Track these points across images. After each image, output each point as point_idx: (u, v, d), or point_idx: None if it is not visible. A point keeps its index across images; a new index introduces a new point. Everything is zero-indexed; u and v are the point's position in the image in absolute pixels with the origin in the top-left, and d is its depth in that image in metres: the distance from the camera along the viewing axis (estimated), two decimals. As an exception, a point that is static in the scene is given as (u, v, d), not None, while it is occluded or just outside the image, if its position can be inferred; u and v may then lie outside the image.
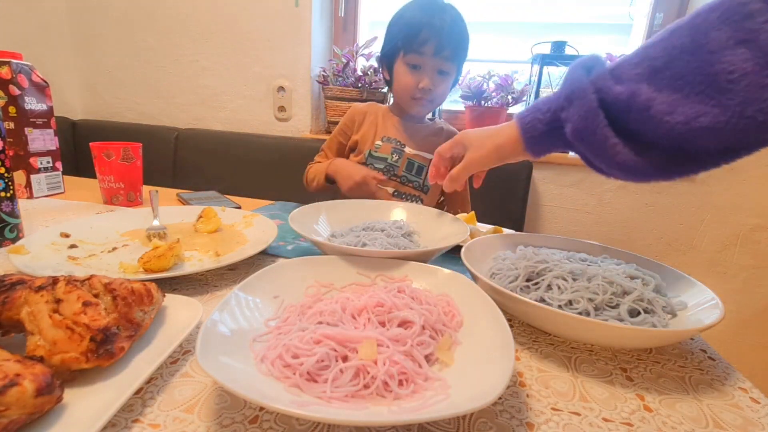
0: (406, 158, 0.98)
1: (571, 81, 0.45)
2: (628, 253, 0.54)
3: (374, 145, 0.98)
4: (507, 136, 0.52)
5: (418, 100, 0.93)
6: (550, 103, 0.47)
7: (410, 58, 0.89)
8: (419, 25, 0.86)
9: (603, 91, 0.41)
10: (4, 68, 0.77)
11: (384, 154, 0.97)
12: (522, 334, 0.43)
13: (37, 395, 0.24)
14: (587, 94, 0.42)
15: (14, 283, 0.32)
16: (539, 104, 0.49)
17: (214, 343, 0.30)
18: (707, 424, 0.31)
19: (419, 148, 0.99)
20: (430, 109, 1.00)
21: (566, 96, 0.44)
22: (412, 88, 0.91)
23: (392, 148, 0.97)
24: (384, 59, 0.97)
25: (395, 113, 1.02)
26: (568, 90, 0.44)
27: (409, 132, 1.00)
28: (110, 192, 0.82)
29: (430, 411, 0.26)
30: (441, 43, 0.85)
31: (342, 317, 0.36)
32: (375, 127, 1.00)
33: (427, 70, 0.89)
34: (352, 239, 0.57)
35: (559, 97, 0.46)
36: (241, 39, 1.59)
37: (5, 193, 0.56)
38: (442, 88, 0.93)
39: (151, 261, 0.48)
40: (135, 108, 1.79)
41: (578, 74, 0.44)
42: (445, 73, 0.91)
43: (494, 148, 0.54)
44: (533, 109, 0.49)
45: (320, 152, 1.07)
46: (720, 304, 0.41)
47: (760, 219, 1.30)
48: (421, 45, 0.86)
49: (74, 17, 1.72)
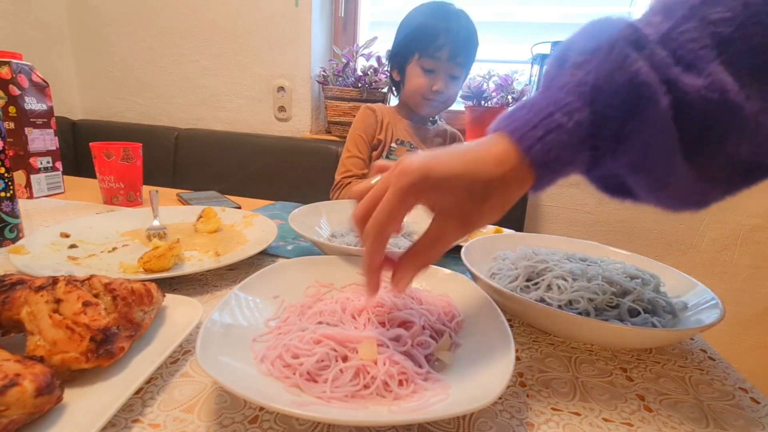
0: None
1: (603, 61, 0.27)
2: (628, 253, 0.54)
3: (390, 148, 1.00)
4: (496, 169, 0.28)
5: (430, 101, 0.95)
6: (562, 104, 0.28)
7: (425, 62, 0.91)
8: (436, 30, 0.88)
9: (676, 87, 0.26)
10: (4, 68, 0.77)
11: (399, 157, 0.99)
12: (522, 334, 0.43)
13: (37, 395, 0.24)
14: (655, 94, 0.26)
15: (14, 283, 0.32)
16: (540, 106, 0.28)
17: (214, 343, 0.30)
18: (707, 425, 0.31)
19: (428, 148, 1.01)
20: (439, 110, 1.02)
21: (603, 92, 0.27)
22: (425, 90, 0.93)
23: (406, 151, 0.99)
24: (395, 60, 0.99)
25: (403, 115, 1.03)
26: (603, 79, 0.27)
27: (418, 134, 1.02)
28: (110, 192, 0.82)
29: (430, 411, 0.26)
30: (456, 50, 0.89)
31: (342, 317, 0.36)
32: (391, 129, 1.02)
33: (441, 73, 0.92)
34: (352, 239, 0.57)
35: (583, 92, 0.27)
36: (241, 39, 1.59)
37: (5, 193, 0.56)
38: (453, 91, 0.97)
39: (151, 261, 0.48)
40: (135, 108, 1.79)
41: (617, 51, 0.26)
42: (456, 77, 0.95)
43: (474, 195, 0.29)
44: (538, 117, 0.28)
45: (350, 157, 1.01)
46: (720, 304, 0.41)
47: (760, 219, 1.30)
48: (437, 50, 0.89)
49: (74, 17, 1.72)
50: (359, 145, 1.03)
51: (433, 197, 0.30)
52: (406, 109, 1.02)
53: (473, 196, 0.29)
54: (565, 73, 0.29)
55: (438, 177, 0.28)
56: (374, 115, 1.03)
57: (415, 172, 0.28)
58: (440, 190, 0.29)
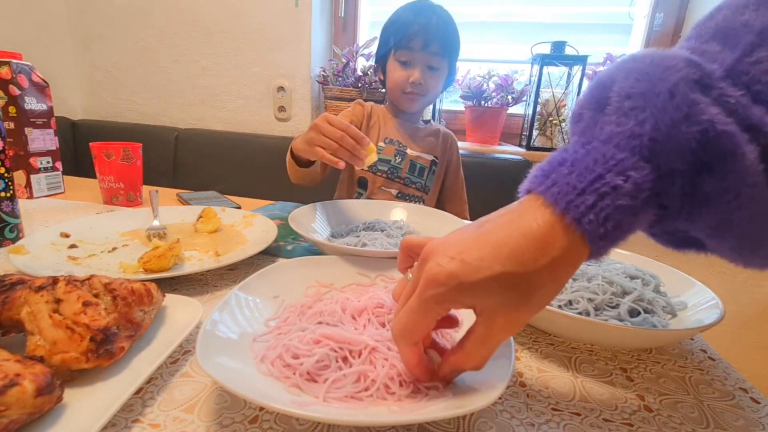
0: (409, 160, 0.99)
1: (662, 110, 0.22)
2: (628, 253, 0.54)
3: (377, 147, 0.99)
4: (542, 258, 0.24)
5: (409, 94, 0.94)
6: (612, 163, 0.23)
7: (400, 54, 0.92)
8: (408, 23, 0.90)
9: (762, 133, 0.22)
10: (4, 68, 0.77)
11: (387, 156, 0.98)
12: (522, 334, 0.43)
13: (37, 395, 0.24)
14: (738, 146, 0.21)
15: (14, 283, 0.32)
16: (585, 164, 0.24)
17: (214, 343, 0.30)
18: (708, 425, 0.31)
19: (419, 149, 1.01)
20: (422, 105, 1.01)
21: (666, 147, 0.23)
22: (402, 83, 0.93)
23: (395, 149, 0.99)
24: (379, 61, 1.00)
25: (392, 114, 1.03)
26: (665, 132, 0.22)
27: (409, 133, 1.01)
28: (110, 192, 0.82)
29: (430, 411, 0.26)
30: (428, 38, 0.88)
31: (342, 317, 0.36)
32: (378, 127, 1.01)
33: (417, 64, 0.91)
34: (352, 239, 0.57)
35: (637, 146, 0.23)
36: (241, 39, 1.58)
37: (5, 193, 0.56)
38: (432, 83, 0.94)
39: (151, 261, 0.48)
40: (135, 108, 1.79)
41: (680, 97, 0.22)
42: (434, 69, 0.93)
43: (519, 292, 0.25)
44: (585, 180, 0.24)
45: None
46: (720, 304, 0.41)
47: (760, 219, 1.30)
48: (409, 40, 0.89)
49: (74, 17, 1.72)
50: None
51: (469, 303, 0.26)
52: (393, 108, 1.03)
53: (519, 294, 0.25)
54: (608, 121, 0.25)
55: (471, 283, 0.24)
56: (363, 109, 1.02)
57: (443, 284, 0.25)
58: (476, 296, 0.25)
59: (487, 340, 0.27)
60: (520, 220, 0.25)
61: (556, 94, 1.34)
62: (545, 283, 0.25)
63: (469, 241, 0.26)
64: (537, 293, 0.25)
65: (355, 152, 0.62)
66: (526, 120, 1.42)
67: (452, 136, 1.07)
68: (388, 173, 0.98)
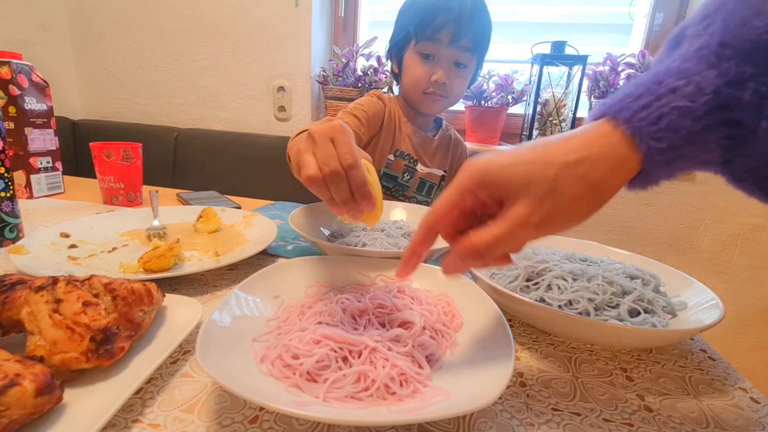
0: (418, 178, 0.90)
1: (731, 13, 0.21)
2: (628, 253, 0.54)
3: (386, 160, 0.88)
4: (597, 153, 0.23)
5: (430, 95, 0.80)
6: (675, 72, 0.22)
7: (423, 46, 0.77)
8: (435, 9, 0.74)
9: None
10: (4, 68, 0.77)
11: (395, 172, 0.89)
12: (522, 334, 0.43)
13: (37, 395, 0.24)
14: None
15: (14, 283, 0.32)
16: (646, 77, 0.23)
17: (214, 343, 0.30)
18: (708, 425, 0.31)
19: (430, 163, 0.91)
20: (443, 107, 0.87)
21: (734, 48, 0.21)
22: (423, 81, 0.79)
23: (404, 165, 0.88)
24: (393, 50, 0.85)
25: (407, 116, 0.90)
26: (733, 32, 0.21)
27: (421, 144, 0.90)
28: (110, 192, 0.82)
29: (430, 411, 0.26)
30: (459, 30, 0.74)
31: (342, 318, 0.36)
32: (392, 134, 0.88)
33: (442, 60, 0.77)
34: (352, 239, 0.57)
35: (705, 55, 0.22)
36: (241, 39, 1.58)
37: (5, 193, 0.56)
38: (457, 83, 0.81)
39: (151, 261, 0.48)
40: (135, 108, 1.78)
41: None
42: (462, 66, 0.79)
43: (578, 183, 0.24)
44: (642, 87, 0.23)
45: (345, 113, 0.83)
46: (720, 304, 0.41)
47: (760, 219, 1.30)
48: (436, 32, 0.74)
49: (74, 17, 1.72)
50: (356, 111, 0.81)
51: (499, 191, 0.26)
52: (407, 108, 0.89)
53: (543, 189, 0.24)
54: (681, 48, 0.24)
55: (501, 165, 0.25)
56: (382, 106, 0.86)
57: (475, 171, 0.27)
58: (502, 186, 0.25)
59: (510, 226, 0.25)
60: (570, 135, 0.24)
61: (557, 94, 1.34)
62: (576, 183, 0.23)
63: (510, 150, 0.27)
64: (565, 192, 0.23)
65: (346, 207, 0.38)
66: (526, 120, 1.42)
67: (462, 144, 0.98)
68: (393, 191, 0.88)
